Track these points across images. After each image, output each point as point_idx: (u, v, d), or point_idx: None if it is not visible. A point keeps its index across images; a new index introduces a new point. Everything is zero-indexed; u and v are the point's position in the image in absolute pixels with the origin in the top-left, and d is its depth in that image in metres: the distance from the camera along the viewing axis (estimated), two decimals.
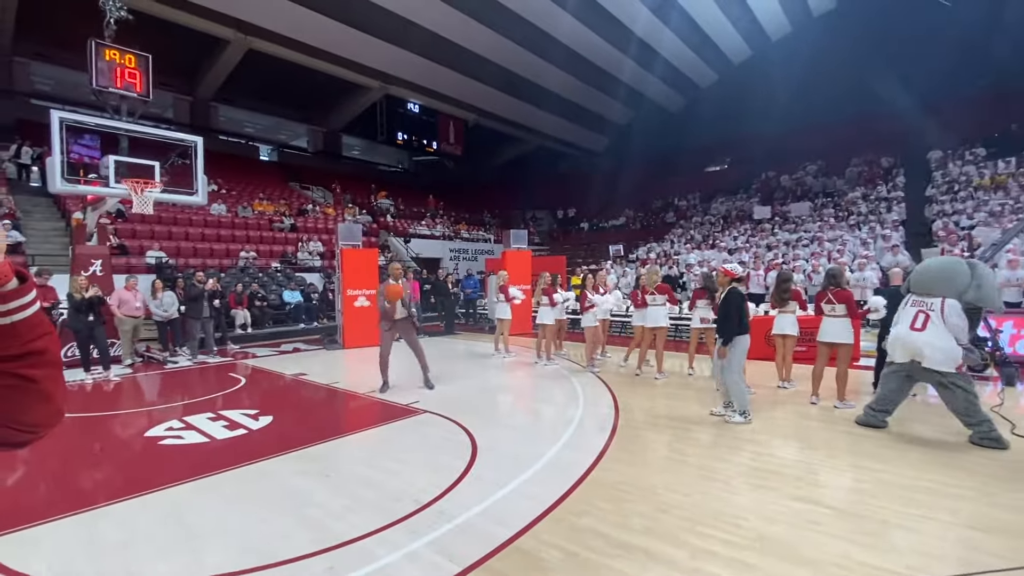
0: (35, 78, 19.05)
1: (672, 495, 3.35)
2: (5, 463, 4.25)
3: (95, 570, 2.62)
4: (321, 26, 18.06)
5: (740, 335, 4.89)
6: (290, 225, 17.38)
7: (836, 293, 5.41)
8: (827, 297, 5.46)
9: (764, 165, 23.87)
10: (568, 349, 9.41)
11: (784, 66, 23.78)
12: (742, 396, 4.92)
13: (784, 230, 15.80)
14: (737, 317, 4.87)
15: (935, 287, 4.38)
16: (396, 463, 4.03)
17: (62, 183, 8.02)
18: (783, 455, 4.06)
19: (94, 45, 8.36)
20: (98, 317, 7.53)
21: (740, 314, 4.90)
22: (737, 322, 4.86)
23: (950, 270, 4.38)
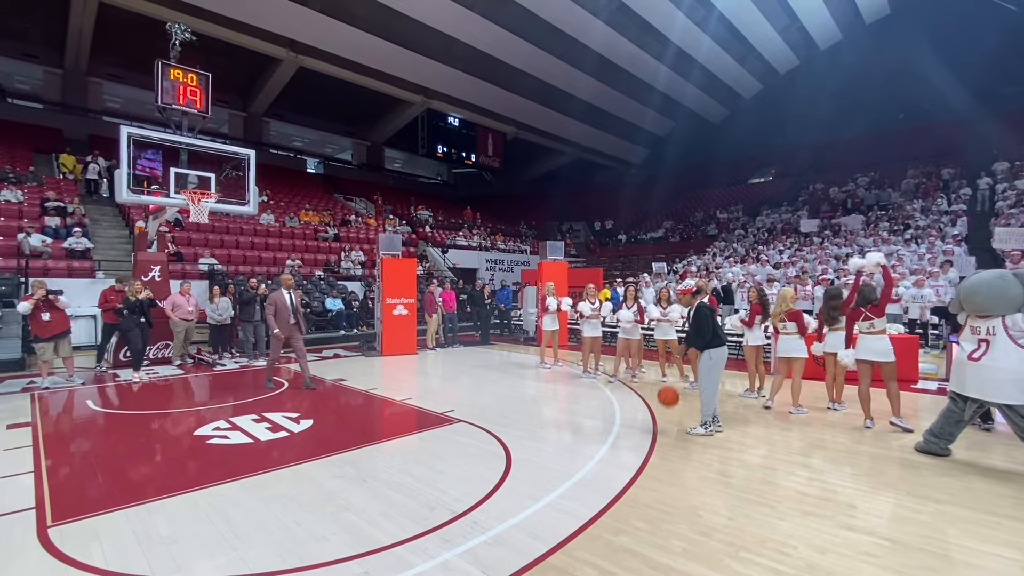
0: (107, 97, 20.54)
1: (714, 517, 3.22)
2: (66, 457, 4.53)
3: (146, 562, 2.73)
4: (367, 44, 18.76)
5: (717, 347, 4.96)
6: (334, 235, 17.95)
7: (873, 309, 5.14)
8: (864, 314, 5.19)
9: (812, 176, 23.07)
10: (603, 362, 9.27)
11: (833, 74, 23.05)
12: (709, 406, 4.97)
13: (834, 244, 15.14)
14: (710, 330, 4.97)
15: (989, 306, 4.07)
16: (430, 471, 4.05)
17: (128, 194, 8.57)
18: (834, 481, 3.84)
19: (160, 65, 8.95)
20: (148, 319, 7.94)
21: (713, 327, 5.00)
22: (711, 335, 4.95)
23: (999, 285, 4.05)
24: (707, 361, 4.99)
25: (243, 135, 23.08)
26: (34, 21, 16.97)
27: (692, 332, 5.12)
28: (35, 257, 10.84)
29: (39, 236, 11.42)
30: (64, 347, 7.53)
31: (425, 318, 11.76)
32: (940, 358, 8.75)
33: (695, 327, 5.07)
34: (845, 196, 19.88)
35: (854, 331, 5.33)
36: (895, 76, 21.10)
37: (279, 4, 16.38)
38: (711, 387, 5.01)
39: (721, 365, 5.04)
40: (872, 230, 15.46)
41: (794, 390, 5.85)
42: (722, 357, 5.01)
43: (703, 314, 5.07)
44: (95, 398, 6.73)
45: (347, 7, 17.21)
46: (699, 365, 5.11)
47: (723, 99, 26.92)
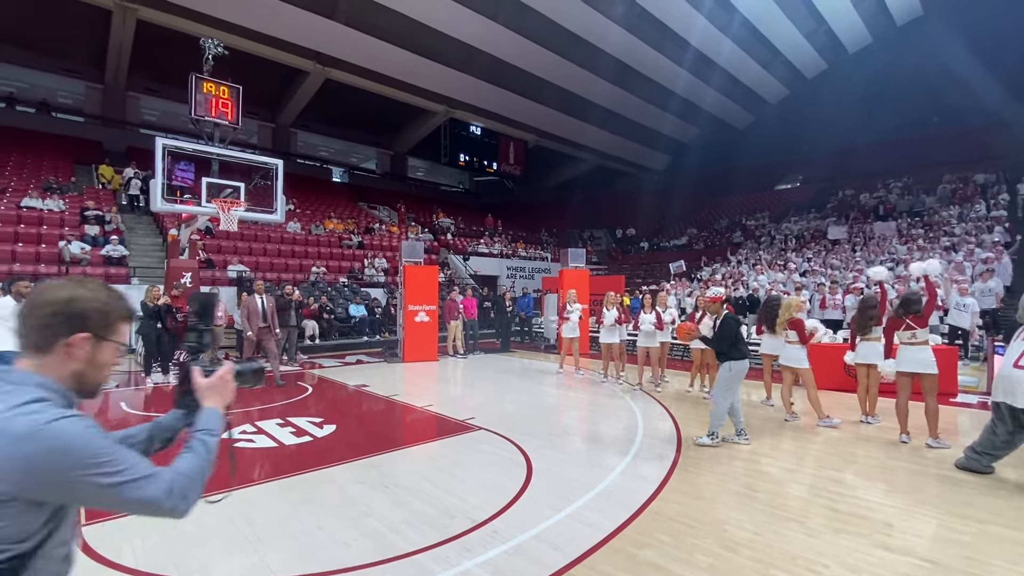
0: (144, 110, 21.38)
1: (740, 532, 3.13)
2: None
3: (173, 561, 2.78)
4: (391, 55, 19.12)
5: (739, 360, 4.87)
6: (358, 242, 18.24)
7: (916, 319, 4.92)
8: (905, 324, 4.98)
9: (841, 182, 22.52)
10: (627, 370, 9.16)
11: (863, 78, 22.55)
12: (720, 418, 4.87)
13: (865, 251, 14.71)
14: (735, 343, 4.90)
15: None
16: (451, 479, 4.04)
17: (162, 203, 8.87)
18: (869, 498, 3.69)
19: (194, 79, 9.28)
20: (164, 324, 8.12)
21: (737, 339, 4.92)
22: (737, 348, 4.89)
23: None
24: (726, 373, 4.89)
25: (271, 146, 23.70)
26: (77, 39, 17.81)
27: (718, 340, 5.04)
28: (75, 264, 11.28)
29: (79, 243, 11.90)
30: None
31: (446, 325, 11.80)
32: (981, 370, 8.38)
33: (722, 336, 4.98)
34: (876, 202, 19.32)
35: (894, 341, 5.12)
36: (928, 78, 20.49)
37: (307, 18, 16.84)
38: (727, 399, 4.90)
39: (740, 378, 4.95)
40: (906, 237, 14.97)
41: (813, 402, 5.67)
42: (742, 370, 4.91)
43: (729, 324, 4.99)
44: (128, 400, 6.94)
45: (372, 20, 17.59)
46: (718, 375, 5.02)
47: (748, 104, 26.55)
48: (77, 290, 1.06)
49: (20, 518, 0.93)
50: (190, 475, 1.08)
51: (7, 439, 0.90)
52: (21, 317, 1.03)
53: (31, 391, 0.97)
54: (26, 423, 0.91)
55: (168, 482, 1.03)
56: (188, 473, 1.08)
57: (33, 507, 0.95)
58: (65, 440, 0.92)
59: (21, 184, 13.97)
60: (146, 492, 0.99)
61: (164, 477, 1.03)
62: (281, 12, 16.38)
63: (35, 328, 1.02)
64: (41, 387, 0.99)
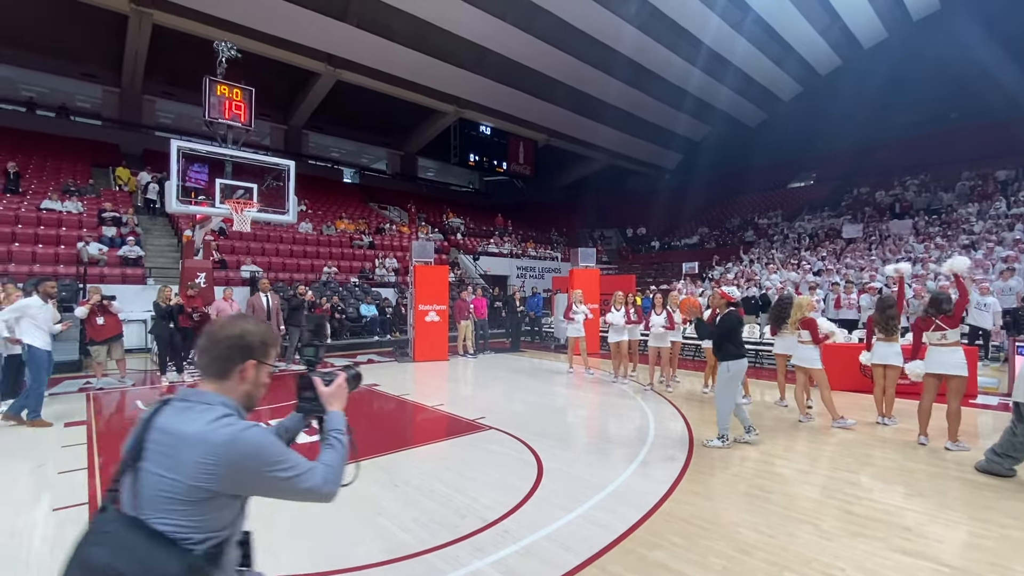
0: (160, 113, 21.70)
1: (754, 534, 3.09)
2: (117, 455, 4.74)
3: None
4: (402, 56, 19.20)
5: (737, 359, 4.84)
6: (368, 243, 18.35)
7: (946, 320, 4.81)
8: (935, 324, 4.85)
9: (855, 180, 22.21)
10: (639, 370, 9.11)
11: (878, 74, 22.20)
12: (726, 419, 4.83)
13: (880, 250, 14.48)
14: (732, 339, 4.89)
15: None
16: (461, 478, 4.05)
17: (177, 204, 8.99)
18: (886, 501, 3.63)
19: (208, 82, 9.39)
20: (177, 324, 8.19)
21: (734, 336, 4.91)
22: (735, 345, 4.88)
23: None
24: (725, 373, 4.86)
25: (284, 147, 23.92)
26: (95, 44, 18.12)
27: (721, 337, 4.98)
28: (92, 264, 11.49)
29: (96, 245, 12.10)
30: (117, 350, 7.93)
31: (456, 325, 11.83)
32: (1002, 371, 8.20)
33: (721, 327, 4.95)
34: (892, 200, 19.02)
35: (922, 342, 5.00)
36: (945, 73, 20.11)
37: (318, 21, 16.96)
38: (729, 399, 4.87)
39: (740, 377, 4.92)
40: (923, 235, 14.71)
41: (827, 403, 5.59)
42: (741, 369, 4.89)
43: (732, 318, 4.96)
44: (144, 399, 7.05)
45: (383, 21, 17.67)
46: (718, 376, 4.99)
47: (760, 102, 26.27)
48: (245, 326, 1.31)
49: (222, 511, 1.18)
50: (334, 465, 1.35)
51: (211, 446, 1.12)
52: (203, 351, 1.28)
53: (220, 408, 1.21)
54: (225, 433, 1.14)
55: (323, 473, 1.29)
56: (333, 464, 1.35)
57: (230, 501, 1.20)
58: (256, 445, 1.17)
59: (41, 187, 14.25)
60: (311, 482, 1.25)
61: (319, 469, 1.29)
62: (293, 15, 16.53)
63: (216, 359, 1.27)
64: (224, 405, 1.23)
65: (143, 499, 1.13)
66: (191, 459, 1.11)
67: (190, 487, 1.12)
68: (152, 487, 1.13)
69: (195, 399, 1.22)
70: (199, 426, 1.15)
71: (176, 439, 1.14)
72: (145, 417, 1.21)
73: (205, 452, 1.12)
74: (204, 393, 1.25)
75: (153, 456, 1.15)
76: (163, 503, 1.12)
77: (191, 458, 1.11)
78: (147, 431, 1.18)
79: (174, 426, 1.16)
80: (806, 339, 5.75)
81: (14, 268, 10.35)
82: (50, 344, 5.71)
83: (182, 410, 1.20)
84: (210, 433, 1.14)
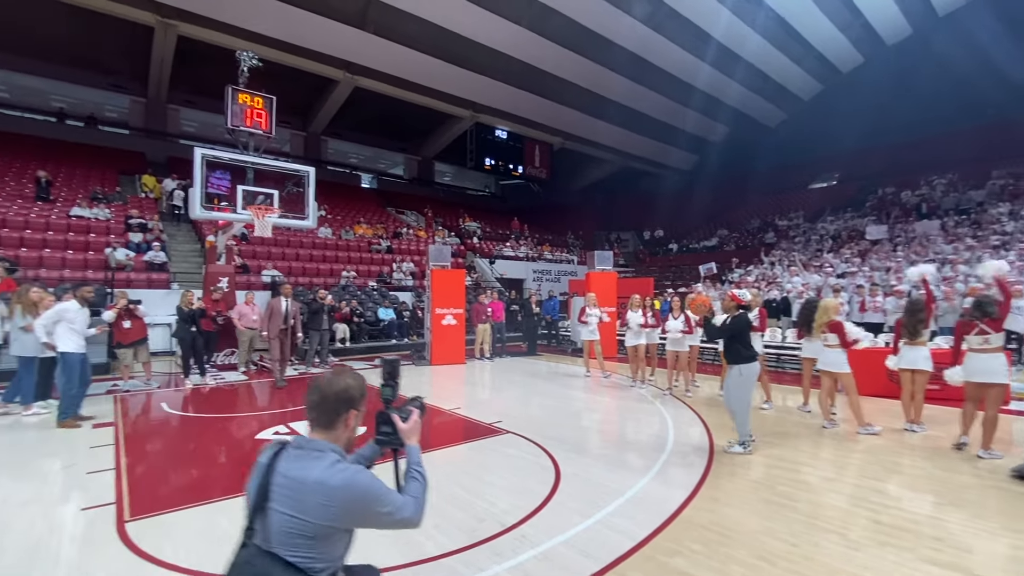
0: (183, 121, 22.25)
1: (776, 543, 3.02)
2: (142, 456, 4.85)
3: (212, 560, 2.86)
4: (418, 62, 19.39)
5: (749, 362, 4.73)
6: (386, 247, 18.52)
7: (991, 323, 4.60)
8: (978, 328, 4.64)
9: (880, 180, 21.72)
10: (657, 375, 9.01)
11: (903, 71, 21.71)
12: (744, 425, 4.74)
13: (907, 251, 14.11)
14: (746, 342, 4.82)
15: None
16: (479, 482, 4.05)
17: (201, 210, 9.19)
18: (915, 509, 3.53)
19: (230, 91, 9.59)
20: (199, 328, 8.32)
21: (743, 338, 4.85)
22: (747, 348, 4.80)
23: None
24: (737, 377, 4.75)
25: (303, 153, 24.30)
26: (122, 56, 18.66)
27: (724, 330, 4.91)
28: (120, 270, 11.80)
29: (123, 250, 12.44)
30: (143, 353, 8.13)
31: (473, 328, 11.85)
32: None
33: (736, 334, 4.85)
34: (919, 200, 18.54)
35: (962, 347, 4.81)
36: (974, 69, 19.54)
37: (337, 29, 17.23)
38: (745, 403, 4.77)
39: (753, 380, 4.83)
40: (952, 236, 14.30)
41: (854, 408, 5.44)
42: (754, 372, 4.79)
43: (742, 321, 4.89)
44: (169, 401, 7.20)
45: (399, 28, 17.87)
46: (728, 381, 4.86)
47: (779, 101, 25.86)
48: (347, 382, 1.50)
49: (339, 543, 1.40)
50: (420, 497, 1.54)
51: (330, 490, 1.33)
52: (315, 406, 1.48)
53: (331, 455, 1.41)
54: (340, 479, 1.35)
55: (413, 505, 1.49)
56: (419, 496, 1.54)
57: (345, 534, 1.42)
58: (365, 488, 1.38)
59: (71, 194, 14.71)
60: (406, 514, 1.45)
61: (410, 502, 1.49)
62: (313, 24, 16.82)
63: (326, 412, 1.47)
64: (333, 451, 1.43)
65: (274, 535, 1.33)
66: (314, 502, 1.32)
67: (314, 525, 1.32)
68: (281, 525, 1.32)
69: (308, 447, 1.42)
70: (317, 473, 1.34)
71: (299, 484, 1.34)
72: (265, 461, 1.41)
73: (325, 496, 1.32)
74: (315, 441, 1.44)
75: (279, 498, 1.34)
76: (292, 539, 1.32)
77: (314, 501, 1.32)
78: (271, 475, 1.37)
79: (295, 472, 1.36)
80: (833, 343, 5.59)
81: (45, 273, 10.69)
82: (85, 347, 5.90)
83: (299, 457, 1.39)
84: (328, 479, 1.33)
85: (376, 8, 17.01)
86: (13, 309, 6.10)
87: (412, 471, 1.61)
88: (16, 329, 6.04)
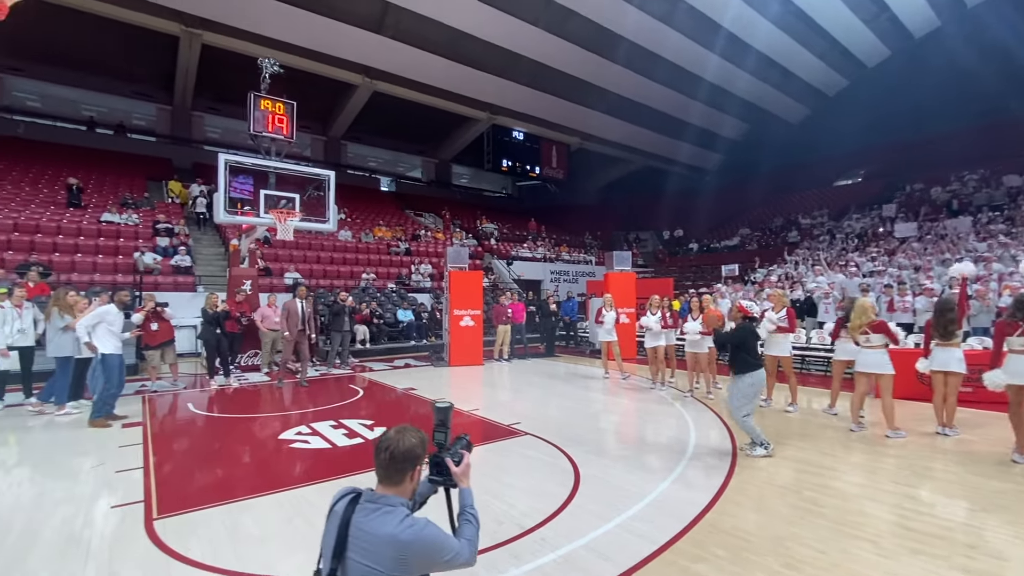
0: (208, 128, 22.78)
1: (803, 549, 2.95)
2: (169, 455, 4.96)
3: (237, 558, 2.91)
4: (436, 65, 19.53)
5: (756, 370, 4.69)
6: (405, 249, 18.67)
7: None
8: (1021, 329, 4.42)
9: (908, 176, 21.12)
10: (677, 376, 8.89)
11: (931, 64, 21.10)
12: (754, 430, 4.68)
13: (937, 249, 13.67)
14: (752, 351, 4.80)
15: None
16: (498, 484, 4.04)
17: (225, 215, 9.39)
18: (948, 516, 3.41)
19: (253, 97, 9.78)
20: (223, 330, 8.51)
21: (754, 348, 4.84)
22: (752, 354, 4.77)
23: None
24: (740, 385, 4.68)
25: (323, 158, 24.65)
26: (149, 65, 19.22)
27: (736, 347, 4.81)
28: (148, 273, 12.13)
29: (151, 255, 12.78)
30: (169, 354, 8.34)
31: (492, 329, 11.86)
32: None
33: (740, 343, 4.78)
34: (949, 196, 17.96)
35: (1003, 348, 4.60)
36: (1004, 60, 18.88)
37: (355, 34, 17.46)
38: (748, 410, 4.69)
39: (759, 388, 4.76)
40: (984, 233, 13.81)
41: (887, 411, 5.27)
42: (760, 381, 4.72)
43: (747, 333, 4.84)
44: (195, 401, 7.37)
45: (417, 32, 18.03)
46: (731, 387, 4.79)
47: (803, 97, 25.36)
48: (412, 441, 1.60)
49: None
50: (473, 540, 1.67)
51: (402, 545, 1.48)
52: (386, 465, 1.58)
53: (401, 510, 1.55)
54: (410, 533, 1.49)
55: (468, 548, 1.62)
56: (472, 539, 1.67)
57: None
58: (431, 541, 1.53)
59: (101, 200, 15.17)
60: (463, 559, 1.59)
61: (466, 546, 1.62)
62: (332, 30, 17.07)
63: (398, 470, 1.59)
64: (403, 505, 1.57)
65: None
66: (388, 555, 1.47)
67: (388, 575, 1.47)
68: (359, 573, 1.48)
69: (381, 501, 1.56)
70: (390, 528, 1.49)
71: (373, 537, 1.49)
72: (341, 512, 1.56)
73: (397, 550, 1.47)
74: (386, 496, 1.57)
75: (355, 549, 1.49)
76: None
77: (387, 554, 1.47)
78: (347, 527, 1.52)
79: (369, 526, 1.51)
80: (876, 343, 5.39)
81: (76, 277, 11.03)
82: (121, 348, 6.12)
83: (372, 511, 1.54)
84: (399, 534, 1.48)
85: (394, 13, 17.19)
86: (50, 312, 6.32)
87: (466, 514, 1.75)
88: (53, 330, 6.26)
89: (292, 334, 8.25)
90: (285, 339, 8.35)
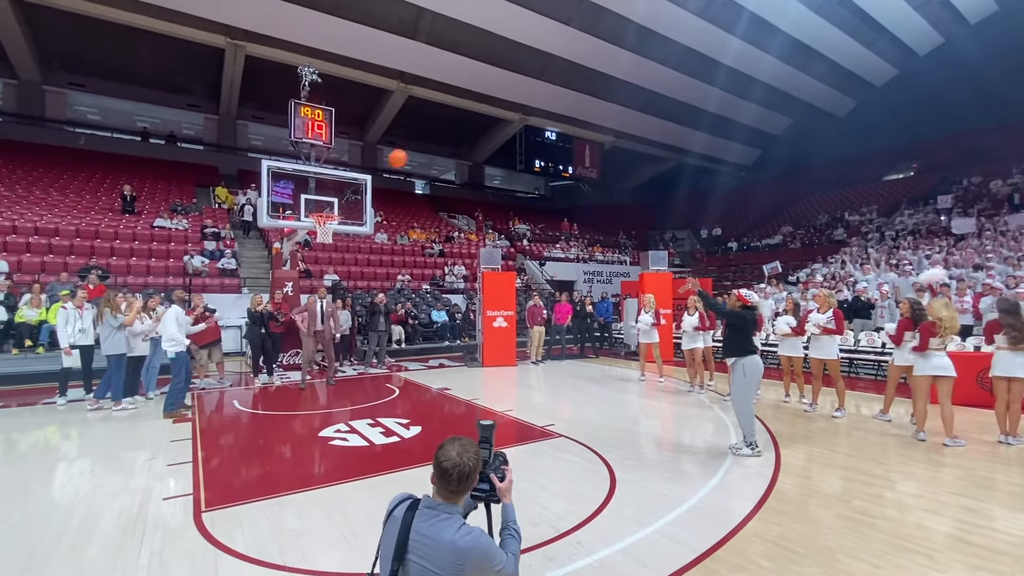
0: (251, 136, 23.70)
1: (855, 563, 2.81)
2: (216, 450, 5.17)
3: (279, 551, 3.00)
4: (469, 68, 19.71)
5: (751, 355, 4.54)
6: (439, 251, 18.89)
7: None
8: None
9: (964, 169, 19.95)
10: (716, 379, 8.65)
11: (987, 50, 19.86)
12: (750, 424, 4.51)
13: (998, 246, 12.83)
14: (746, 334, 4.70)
15: None
16: (533, 486, 4.02)
17: (268, 219, 9.73)
18: (1012, 530, 3.18)
19: (293, 104, 10.11)
20: (267, 329, 8.81)
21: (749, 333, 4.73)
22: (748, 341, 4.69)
23: None
24: (740, 376, 4.61)
25: (360, 162, 25.26)
26: (197, 77, 20.17)
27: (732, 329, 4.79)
28: (196, 275, 12.70)
29: (200, 258, 13.38)
30: (216, 353, 8.70)
31: (528, 330, 11.84)
32: None
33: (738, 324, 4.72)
34: (1011, 190, 16.84)
35: None
36: None
37: (390, 40, 17.82)
38: (748, 402, 4.58)
39: (757, 378, 4.65)
40: None
41: (946, 417, 4.98)
42: (757, 370, 4.62)
43: (744, 317, 4.75)
44: (240, 399, 7.66)
45: (450, 36, 18.24)
46: (732, 377, 4.72)
47: (848, 89, 24.31)
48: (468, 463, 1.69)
49: None
50: (517, 553, 1.78)
51: (460, 552, 1.58)
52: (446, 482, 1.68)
53: (458, 519, 1.67)
54: (467, 541, 1.61)
55: (514, 560, 1.73)
56: (516, 553, 1.77)
57: None
58: (484, 550, 1.63)
59: (153, 207, 15.98)
60: (509, 571, 1.69)
61: (511, 560, 1.72)
62: (369, 37, 17.49)
63: (465, 489, 1.71)
64: (458, 514, 1.69)
65: None
66: (446, 560, 1.57)
67: None
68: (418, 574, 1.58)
69: (440, 508, 1.67)
70: (449, 535, 1.60)
71: (433, 542, 1.59)
72: (401, 518, 1.66)
73: (455, 556, 1.57)
74: (444, 504, 1.68)
75: (416, 551, 1.60)
76: None
77: (446, 560, 1.57)
78: (408, 531, 1.62)
79: (430, 531, 1.61)
80: (940, 346, 5.09)
81: (131, 280, 11.66)
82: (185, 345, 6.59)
83: (431, 516, 1.64)
84: (458, 541, 1.59)
85: (427, 18, 17.45)
86: (102, 312, 6.70)
87: (510, 528, 1.84)
88: (107, 329, 6.62)
89: (311, 333, 8.48)
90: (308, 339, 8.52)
